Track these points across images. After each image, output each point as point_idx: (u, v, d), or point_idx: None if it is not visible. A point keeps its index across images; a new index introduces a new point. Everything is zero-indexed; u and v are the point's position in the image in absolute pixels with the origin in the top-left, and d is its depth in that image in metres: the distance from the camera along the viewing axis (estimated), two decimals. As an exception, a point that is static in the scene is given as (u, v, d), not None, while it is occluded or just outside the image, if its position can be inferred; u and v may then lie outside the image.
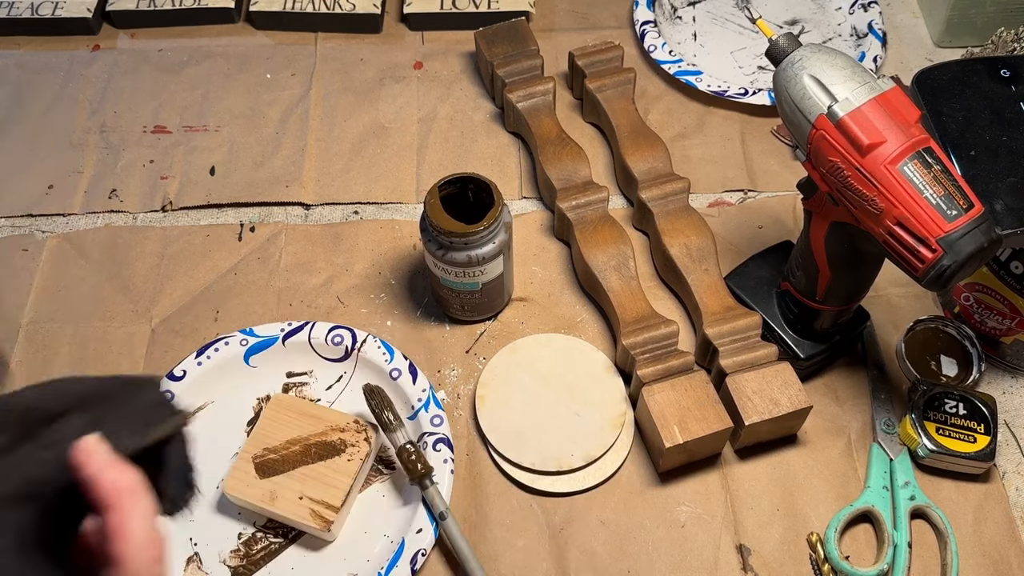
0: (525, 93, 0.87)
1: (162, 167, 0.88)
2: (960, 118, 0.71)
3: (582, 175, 0.82)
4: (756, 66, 0.96)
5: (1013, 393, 0.76)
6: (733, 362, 0.70)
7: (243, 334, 0.75)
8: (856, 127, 0.56)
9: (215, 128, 0.91)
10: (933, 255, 0.56)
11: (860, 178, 0.57)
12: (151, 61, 0.97)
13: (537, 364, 0.75)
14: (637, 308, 0.74)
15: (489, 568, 0.66)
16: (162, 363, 0.76)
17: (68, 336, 0.78)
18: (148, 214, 0.86)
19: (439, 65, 0.96)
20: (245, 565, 0.67)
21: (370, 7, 0.97)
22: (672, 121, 0.91)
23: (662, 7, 1.00)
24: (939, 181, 0.56)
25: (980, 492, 0.70)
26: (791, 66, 0.59)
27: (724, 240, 0.83)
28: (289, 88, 0.94)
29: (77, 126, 0.92)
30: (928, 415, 0.70)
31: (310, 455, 0.68)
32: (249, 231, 0.84)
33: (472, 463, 0.71)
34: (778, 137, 0.90)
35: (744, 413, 0.68)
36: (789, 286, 0.71)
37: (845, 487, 0.70)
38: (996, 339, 0.75)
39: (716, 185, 0.87)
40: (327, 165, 0.88)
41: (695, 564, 0.67)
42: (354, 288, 0.81)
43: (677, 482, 0.70)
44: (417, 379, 0.73)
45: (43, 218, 0.85)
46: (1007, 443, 0.73)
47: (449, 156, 0.89)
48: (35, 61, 0.97)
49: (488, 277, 0.73)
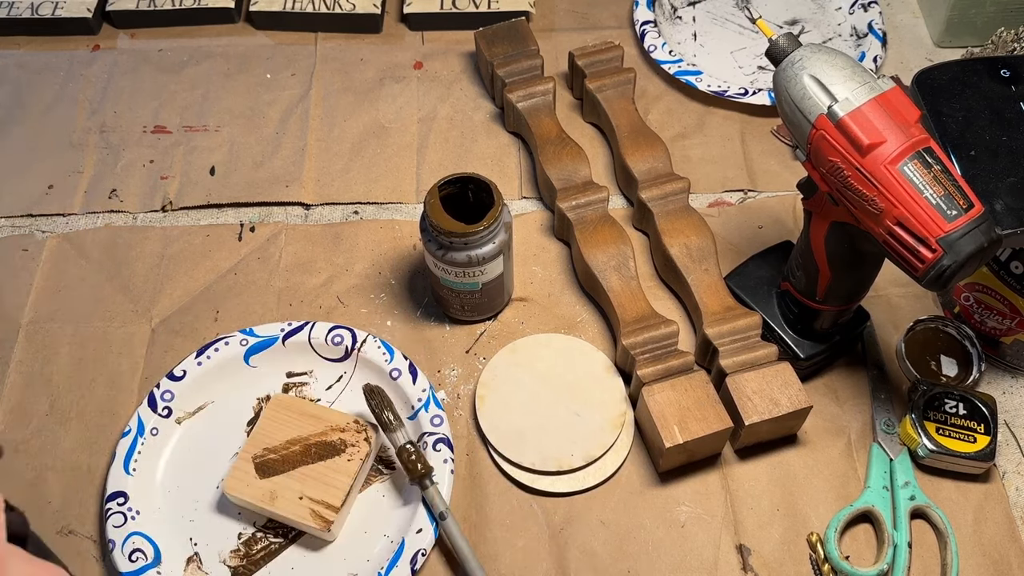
0: (525, 93, 0.87)
1: (162, 167, 0.88)
2: (960, 118, 0.71)
3: (582, 175, 0.82)
4: (756, 66, 0.96)
5: (1013, 393, 0.75)
6: (733, 362, 0.70)
7: (243, 334, 0.75)
8: (856, 127, 0.56)
9: (215, 128, 0.91)
10: (933, 255, 0.56)
11: (860, 178, 0.57)
12: (151, 61, 0.97)
13: (537, 364, 0.75)
14: (637, 308, 0.74)
15: (489, 568, 0.66)
16: (162, 363, 0.76)
17: (68, 336, 0.78)
18: (148, 214, 0.86)
19: (439, 65, 0.96)
20: (245, 565, 0.67)
21: (370, 7, 0.97)
22: (672, 121, 0.91)
23: (662, 7, 1.00)
24: (939, 181, 0.56)
25: (980, 492, 0.70)
26: (791, 66, 0.59)
27: (724, 240, 0.83)
28: (289, 88, 0.94)
29: (77, 126, 0.92)
30: (928, 415, 0.70)
31: (310, 455, 0.68)
32: (249, 231, 0.84)
33: (472, 463, 0.71)
34: (778, 137, 0.90)
35: (744, 413, 0.67)
36: (789, 286, 0.71)
37: (845, 487, 0.70)
38: (996, 339, 0.75)
39: (716, 185, 0.87)
40: (327, 165, 0.88)
41: (695, 564, 0.67)
42: (354, 288, 0.81)
43: (677, 482, 0.70)
44: (417, 379, 0.73)
45: (43, 218, 0.85)
46: (1007, 443, 0.73)
47: (449, 156, 0.89)
48: (35, 61, 0.97)
49: (488, 277, 0.73)
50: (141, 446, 0.70)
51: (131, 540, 0.66)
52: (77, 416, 0.74)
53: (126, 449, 0.70)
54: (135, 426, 0.71)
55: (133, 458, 0.69)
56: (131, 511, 0.67)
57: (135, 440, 0.70)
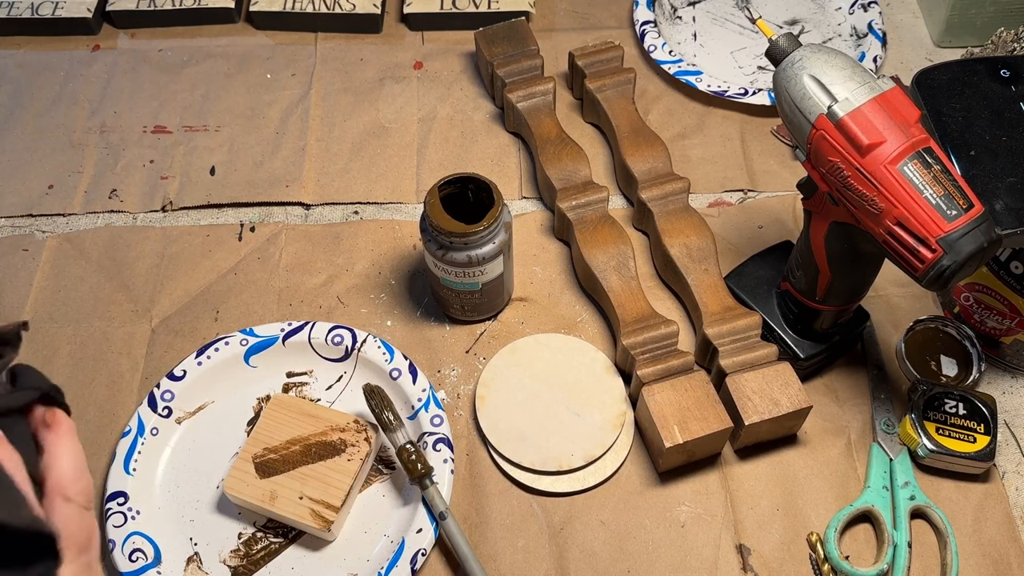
0: (525, 93, 0.87)
1: (162, 167, 0.88)
2: (960, 118, 0.71)
3: (582, 175, 0.82)
4: (756, 66, 0.96)
5: (1013, 393, 0.76)
6: (733, 362, 0.70)
7: (243, 334, 0.75)
8: (856, 127, 0.56)
9: (215, 128, 0.91)
10: (933, 255, 0.56)
11: (860, 178, 0.57)
12: (151, 61, 0.97)
13: (537, 364, 0.75)
14: (637, 308, 0.74)
15: (489, 568, 0.66)
16: (162, 363, 0.76)
17: (68, 336, 0.78)
18: (148, 214, 0.86)
19: (439, 65, 0.96)
20: (245, 565, 0.67)
21: (370, 7, 0.97)
22: (672, 121, 0.91)
23: (662, 7, 1.00)
24: (939, 181, 0.56)
25: (980, 492, 0.70)
26: (791, 66, 0.59)
27: (724, 240, 0.83)
28: (289, 88, 0.94)
29: (77, 126, 0.92)
30: (928, 415, 0.70)
31: (310, 455, 0.68)
32: (249, 231, 0.84)
33: (472, 463, 0.71)
34: (778, 137, 0.90)
35: (744, 413, 0.68)
36: (789, 286, 0.71)
37: (845, 487, 0.70)
38: (996, 339, 0.75)
39: (716, 185, 0.87)
40: (327, 165, 0.88)
41: (695, 564, 0.67)
42: (354, 288, 0.81)
43: (677, 482, 0.70)
44: (417, 379, 0.73)
45: (43, 218, 0.85)
46: (1007, 443, 0.73)
47: (449, 156, 0.89)
48: (35, 61, 0.97)
49: (488, 277, 0.73)
50: (141, 446, 0.70)
51: (131, 540, 0.66)
52: (77, 416, 0.73)
53: (126, 449, 0.70)
54: (135, 426, 0.71)
55: (133, 458, 0.69)
56: (131, 511, 0.67)
57: (135, 440, 0.70)
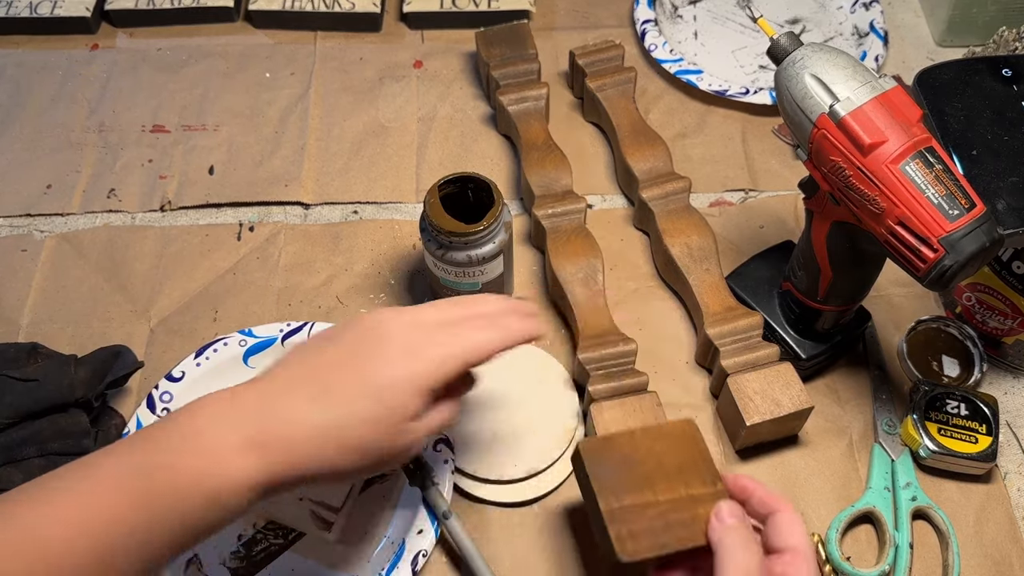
0: (517, 97, 0.86)
1: (161, 167, 0.88)
2: (962, 117, 0.71)
3: (562, 184, 0.81)
4: (757, 65, 0.96)
5: (1015, 393, 0.75)
6: (734, 362, 0.70)
7: (242, 334, 0.75)
8: (858, 126, 0.56)
9: (214, 127, 0.91)
10: (935, 255, 0.56)
11: (862, 177, 0.57)
12: (150, 60, 0.96)
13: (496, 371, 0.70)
14: (599, 323, 0.73)
15: (489, 569, 0.66)
16: (161, 363, 0.76)
17: (67, 336, 0.78)
18: (147, 214, 0.85)
19: (439, 64, 0.96)
20: (245, 566, 0.67)
21: (370, 6, 0.97)
22: (673, 120, 0.91)
23: (663, 6, 1.00)
24: (941, 181, 0.56)
25: (982, 493, 0.70)
26: (792, 65, 0.59)
27: (725, 240, 0.82)
28: (288, 87, 0.94)
29: (76, 125, 0.91)
30: (930, 415, 0.70)
31: (310, 456, 0.67)
32: (248, 231, 0.84)
33: (472, 464, 0.71)
34: (779, 136, 0.90)
35: (745, 414, 0.67)
36: (790, 286, 0.71)
37: (846, 488, 0.70)
38: (998, 339, 0.75)
39: (717, 185, 0.87)
40: (326, 165, 0.88)
41: (696, 565, 0.67)
42: (354, 288, 0.80)
43: (678, 483, 0.70)
44: (417, 379, 0.72)
45: (42, 218, 0.85)
46: (1009, 444, 0.73)
47: (449, 156, 0.89)
48: (34, 60, 0.97)
49: (488, 277, 0.73)
50: (140, 447, 0.70)
51: (130, 541, 0.66)
52: (76, 417, 0.74)
53: (125, 450, 0.69)
54: (134, 427, 0.70)
55: (132, 459, 0.69)
56: (130, 512, 0.67)
57: (134, 441, 0.70)
